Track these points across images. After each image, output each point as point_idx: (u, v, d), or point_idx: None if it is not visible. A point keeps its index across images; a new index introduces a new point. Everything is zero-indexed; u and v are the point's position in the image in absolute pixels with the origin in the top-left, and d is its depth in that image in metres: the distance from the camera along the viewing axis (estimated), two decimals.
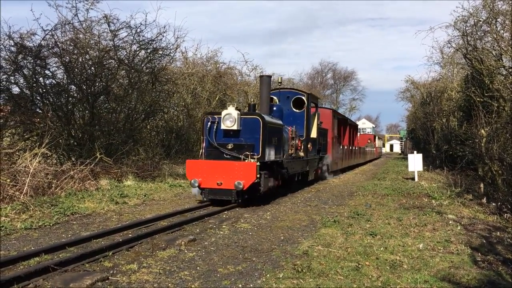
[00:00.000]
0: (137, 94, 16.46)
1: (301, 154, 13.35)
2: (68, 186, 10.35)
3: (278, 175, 11.32)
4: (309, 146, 14.01)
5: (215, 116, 10.21)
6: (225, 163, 9.74)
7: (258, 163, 9.48)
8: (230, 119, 9.91)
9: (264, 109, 11.59)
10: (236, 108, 10.19)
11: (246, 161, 9.68)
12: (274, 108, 12.56)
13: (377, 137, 55.73)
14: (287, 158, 11.93)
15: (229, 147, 10.01)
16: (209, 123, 10.23)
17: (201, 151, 10.36)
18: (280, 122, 11.67)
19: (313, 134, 14.97)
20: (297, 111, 13.97)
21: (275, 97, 13.95)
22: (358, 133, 37.74)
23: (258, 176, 9.43)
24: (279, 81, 16.04)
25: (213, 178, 9.64)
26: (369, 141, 44.46)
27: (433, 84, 29.39)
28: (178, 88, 20.99)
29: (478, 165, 14.61)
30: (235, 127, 9.94)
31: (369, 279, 4.99)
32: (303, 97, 14.10)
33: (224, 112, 10.06)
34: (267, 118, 10.60)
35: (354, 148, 27.76)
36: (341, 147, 22.08)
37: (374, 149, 45.68)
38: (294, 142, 12.44)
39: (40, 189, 9.51)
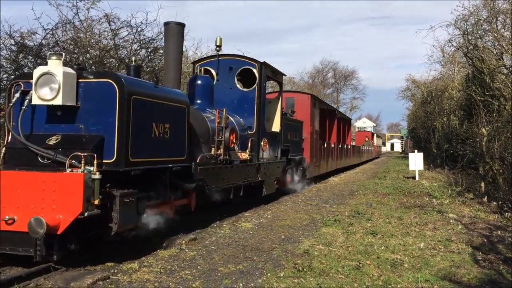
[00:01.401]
0: None
1: (244, 155, 8.66)
2: None
3: (175, 194, 6.57)
4: (263, 144, 9.62)
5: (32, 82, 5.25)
6: (25, 176, 4.80)
7: (97, 176, 4.74)
8: (50, 84, 5.10)
9: (171, 78, 7.26)
10: (76, 65, 5.78)
11: (68, 171, 4.75)
12: (198, 82, 8.37)
13: (375, 134, 51.26)
14: (206, 162, 7.26)
15: (51, 143, 5.16)
16: (19, 96, 5.37)
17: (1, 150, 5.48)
18: (179, 95, 6.69)
19: (274, 126, 10.75)
20: (245, 90, 9.67)
21: (210, 69, 9.54)
22: (352, 129, 34.87)
23: (96, 202, 4.72)
24: (218, 43, 9.37)
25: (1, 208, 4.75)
26: (366, 139, 40.74)
27: (434, 82, 29.37)
28: None
29: (479, 164, 14.60)
30: (59, 101, 5.09)
31: (370, 278, 4.99)
32: (253, 69, 9.49)
33: (37, 72, 5.24)
34: (137, 83, 5.75)
35: (346, 146, 23.78)
36: (325, 146, 17.47)
37: (372, 148, 42.18)
38: (224, 136, 7.74)
39: None
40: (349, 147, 25.04)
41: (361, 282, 4.83)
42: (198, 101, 8.21)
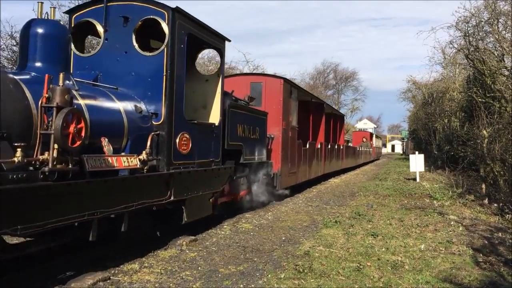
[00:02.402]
0: None
1: (131, 161, 5.31)
2: None
3: None
4: (180, 141, 6.23)
5: None
6: None
7: None
8: None
9: None
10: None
11: None
12: (37, 30, 4.68)
13: (374, 135, 47.16)
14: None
15: None
16: None
17: None
18: None
19: (212, 116, 7.56)
20: (148, 54, 6.21)
21: (94, 21, 6.29)
22: (345, 127, 31.20)
23: None
24: None
25: None
26: (364, 139, 37.55)
27: (434, 84, 29.33)
28: None
29: (480, 165, 14.57)
30: None
31: (370, 279, 4.99)
32: (161, 20, 6.08)
33: None
34: None
35: (337, 147, 20.30)
36: (307, 147, 13.90)
37: (371, 149, 38.74)
38: (54, 124, 4.15)
39: None
40: (341, 148, 21.64)
41: (361, 284, 4.83)
42: (36, 64, 4.63)
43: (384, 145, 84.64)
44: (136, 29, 6.19)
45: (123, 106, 5.56)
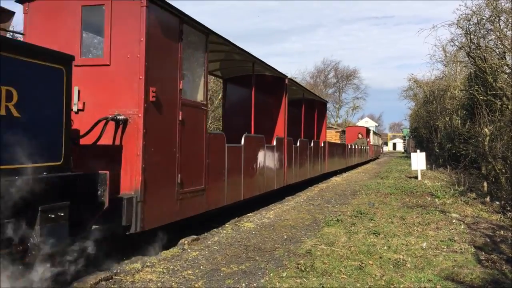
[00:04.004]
0: None
1: None
2: None
3: None
4: None
5: None
6: None
7: None
8: None
9: None
10: None
11: None
12: None
13: (372, 131, 41.08)
14: None
15: None
16: None
17: None
18: None
19: None
20: None
21: None
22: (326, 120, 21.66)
23: None
24: None
25: None
26: (359, 136, 32.30)
27: (436, 82, 29.29)
28: None
29: (482, 163, 14.56)
30: None
31: (372, 278, 4.99)
32: None
33: None
34: None
35: (314, 145, 14.80)
36: (243, 144, 8.70)
37: (368, 147, 33.73)
38: None
39: None
40: (322, 145, 16.24)
41: (363, 282, 4.83)
42: None
43: (386, 143, 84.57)
44: None
45: None
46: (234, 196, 8.26)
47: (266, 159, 9.99)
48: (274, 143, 10.70)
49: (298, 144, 12.78)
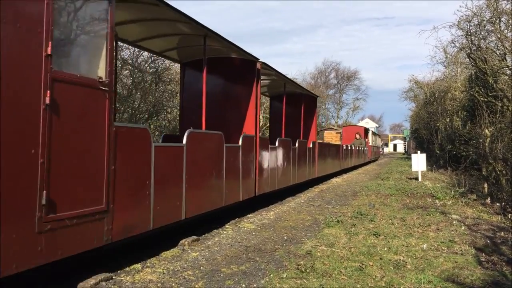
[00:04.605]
0: (141, 94, 16.51)
1: None
2: None
3: None
4: None
5: None
6: None
7: None
8: None
9: None
10: None
11: None
12: None
13: (371, 131, 39.05)
14: None
15: None
16: None
17: None
18: None
19: None
20: None
21: None
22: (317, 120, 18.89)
23: None
24: None
25: None
26: (357, 136, 30.21)
27: (436, 83, 29.29)
28: None
29: (482, 165, 14.57)
30: None
31: (372, 279, 4.98)
32: None
33: None
34: None
35: (300, 145, 12.86)
36: (184, 142, 6.36)
37: (366, 148, 32.49)
38: None
39: None
40: (310, 146, 14.33)
41: (363, 283, 4.83)
42: None
43: (386, 144, 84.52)
44: None
45: None
46: (168, 215, 5.95)
47: (226, 162, 7.80)
48: (240, 142, 8.54)
49: (277, 144, 10.68)
